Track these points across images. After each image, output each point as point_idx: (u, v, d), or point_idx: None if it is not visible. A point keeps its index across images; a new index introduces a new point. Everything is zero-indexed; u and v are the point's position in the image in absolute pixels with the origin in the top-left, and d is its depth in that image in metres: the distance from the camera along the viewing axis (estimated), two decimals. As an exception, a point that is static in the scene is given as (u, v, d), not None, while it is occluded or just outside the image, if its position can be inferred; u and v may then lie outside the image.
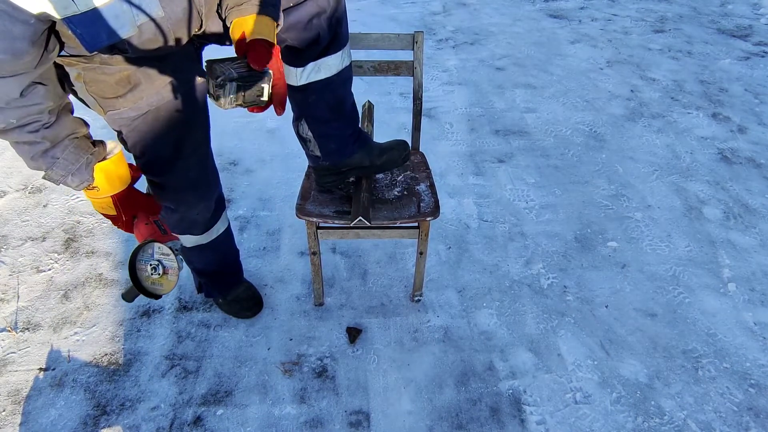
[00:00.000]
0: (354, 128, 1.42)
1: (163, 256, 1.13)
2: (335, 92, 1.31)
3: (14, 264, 1.89)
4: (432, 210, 1.45)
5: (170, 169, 1.24)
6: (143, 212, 1.21)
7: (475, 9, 4.05)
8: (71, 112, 1.04)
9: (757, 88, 2.99)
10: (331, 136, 1.38)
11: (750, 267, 1.90)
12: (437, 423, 1.43)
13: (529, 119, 2.71)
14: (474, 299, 1.77)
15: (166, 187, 1.28)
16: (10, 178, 2.29)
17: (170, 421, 1.43)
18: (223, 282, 1.65)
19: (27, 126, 0.94)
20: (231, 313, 1.70)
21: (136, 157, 1.22)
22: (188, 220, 1.39)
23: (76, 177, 1.02)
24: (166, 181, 1.27)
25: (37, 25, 0.82)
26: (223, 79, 0.94)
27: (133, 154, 1.21)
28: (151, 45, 0.97)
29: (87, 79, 1.03)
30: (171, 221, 1.38)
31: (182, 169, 1.26)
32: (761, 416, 1.45)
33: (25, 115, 0.92)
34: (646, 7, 4.09)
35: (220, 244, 1.54)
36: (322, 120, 1.35)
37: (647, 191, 2.24)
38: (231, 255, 1.65)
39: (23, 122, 0.93)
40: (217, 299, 1.70)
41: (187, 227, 1.41)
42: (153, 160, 1.21)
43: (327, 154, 1.42)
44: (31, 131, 0.94)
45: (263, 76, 0.96)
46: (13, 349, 1.61)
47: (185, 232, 1.43)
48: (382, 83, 3.01)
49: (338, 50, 1.24)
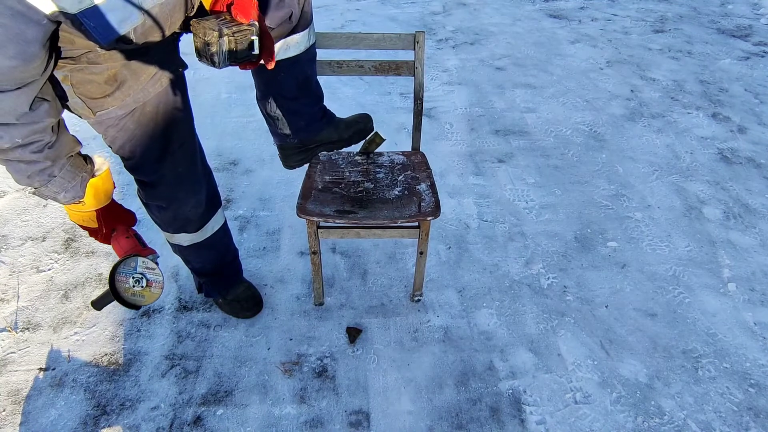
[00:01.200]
0: (320, 105, 1.45)
1: (147, 270, 1.15)
2: (303, 70, 1.34)
3: (14, 264, 1.89)
4: (432, 210, 1.45)
5: (159, 166, 1.24)
6: (123, 225, 1.23)
7: (475, 9, 4.05)
8: (66, 129, 1.05)
9: (757, 88, 2.99)
10: (299, 113, 1.41)
11: (750, 267, 1.90)
12: (437, 423, 1.43)
13: (529, 119, 2.71)
14: (474, 299, 1.77)
15: (156, 185, 1.28)
16: (10, 178, 2.28)
17: (170, 421, 1.43)
18: (223, 282, 1.64)
19: (30, 145, 0.93)
20: (231, 313, 1.69)
21: (125, 159, 1.22)
22: (181, 218, 1.38)
23: (69, 193, 1.04)
24: (156, 179, 1.27)
25: (48, 25, 0.82)
26: (212, 36, 0.91)
27: (121, 156, 1.21)
28: (152, 33, 0.97)
29: (74, 81, 1.02)
30: (164, 219, 1.38)
31: (171, 164, 1.26)
32: (761, 416, 1.45)
33: (31, 133, 0.92)
34: (646, 7, 4.10)
35: (217, 243, 1.53)
36: (290, 97, 1.37)
37: (647, 191, 2.24)
38: (229, 254, 1.64)
39: (27, 141, 0.92)
40: (216, 299, 1.70)
41: (181, 225, 1.41)
42: (142, 159, 1.22)
43: (296, 131, 1.44)
44: (35, 151, 0.94)
45: (251, 28, 0.94)
46: (13, 349, 1.61)
47: (179, 231, 1.42)
48: (383, 83, 3.01)
49: (305, 28, 1.26)
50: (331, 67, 1.61)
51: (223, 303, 1.69)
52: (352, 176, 1.60)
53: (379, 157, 1.68)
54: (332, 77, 2.98)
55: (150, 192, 1.30)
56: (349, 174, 1.61)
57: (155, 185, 1.28)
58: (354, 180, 1.58)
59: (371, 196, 1.52)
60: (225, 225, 1.56)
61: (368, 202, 1.50)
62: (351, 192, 1.54)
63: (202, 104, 2.77)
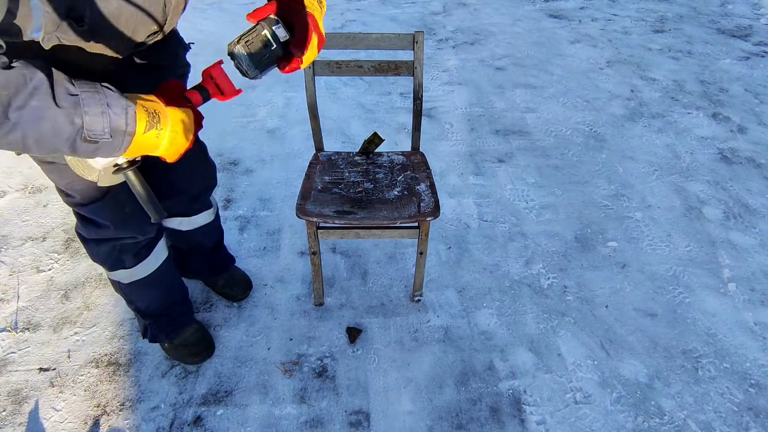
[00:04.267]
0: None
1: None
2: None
3: (14, 264, 1.89)
4: (432, 210, 1.45)
5: (103, 205, 1.14)
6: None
7: (475, 9, 4.05)
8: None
9: (757, 88, 2.99)
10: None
11: (750, 267, 1.90)
12: (437, 423, 1.43)
13: (529, 119, 2.71)
14: (474, 299, 1.77)
15: (100, 225, 1.19)
16: (10, 178, 2.29)
17: (170, 421, 1.43)
18: (170, 324, 1.51)
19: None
20: (178, 359, 1.56)
21: (66, 194, 1.13)
22: (117, 250, 1.27)
23: (115, 106, 0.80)
24: (101, 219, 1.18)
25: None
26: (229, 48, 0.91)
27: (62, 192, 1.12)
28: (114, 21, 0.81)
29: None
30: (100, 255, 1.28)
31: (114, 204, 1.15)
32: (761, 416, 1.45)
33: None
34: (646, 7, 4.09)
35: (161, 278, 1.40)
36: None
37: (647, 191, 2.24)
38: (177, 292, 1.51)
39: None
40: (162, 343, 1.56)
41: (116, 260, 1.29)
42: (83, 198, 1.12)
43: None
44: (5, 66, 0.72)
45: (258, 26, 0.91)
46: (13, 349, 1.61)
47: (116, 266, 1.31)
48: (383, 83, 3.01)
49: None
50: (330, 67, 1.61)
51: (169, 347, 1.56)
52: (351, 177, 1.60)
53: (379, 158, 1.68)
54: (332, 77, 2.99)
55: (93, 229, 1.21)
56: (348, 174, 1.61)
57: (99, 224, 1.19)
58: (353, 180, 1.58)
59: (371, 196, 1.52)
60: (170, 257, 1.43)
61: (368, 202, 1.50)
62: (350, 192, 1.54)
63: (202, 104, 2.77)
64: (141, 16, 0.85)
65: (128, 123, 0.82)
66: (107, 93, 0.80)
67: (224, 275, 1.73)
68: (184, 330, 1.55)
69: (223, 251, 1.73)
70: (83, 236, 1.27)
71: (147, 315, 1.48)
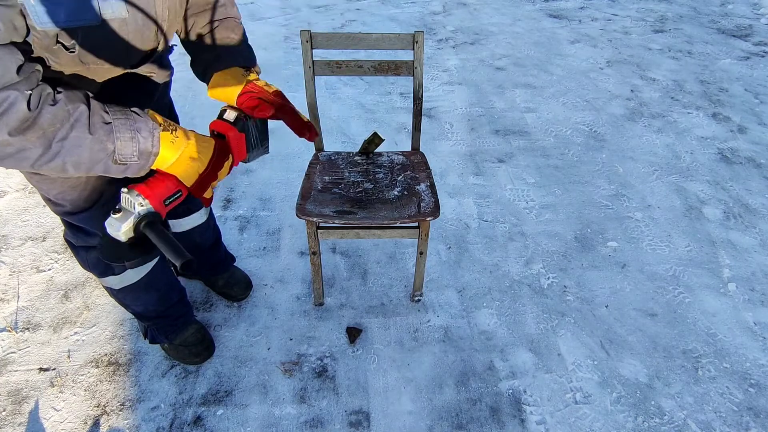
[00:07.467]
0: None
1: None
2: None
3: (14, 264, 1.89)
4: (432, 210, 1.45)
5: (92, 214, 1.14)
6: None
7: (475, 9, 4.05)
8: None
9: (757, 88, 2.99)
10: None
11: (750, 267, 1.90)
12: (437, 423, 1.43)
13: (529, 119, 2.71)
14: (474, 299, 1.77)
15: (89, 232, 1.19)
16: (10, 178, 2.29)
17: (170, 421, 1.43)
18: (169, 324, 1.51)
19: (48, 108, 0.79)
20: (178, 359, 1.56)
21: (55, 204, 1.13)
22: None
23: (144, 132, 0.87)
24: (90, 227, 1.18)
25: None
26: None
27: (51, 201, 1.12)
28: (105, 50, 0.85)
29: None
30: (89, 262, 1.27)
31: (103, 213, 1.13)
32: (761, 416, 1.45)
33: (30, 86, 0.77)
34: (646, 7, 4.09)
35: (154, 281, 1.38)
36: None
37: (647, 191, 2.24)
38: (174, 293, 1.49)
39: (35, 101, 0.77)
40: (162, 344, 1.57)
41: (106, 266, 1.27)
42: (73, 207, 1.12)
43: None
44: (52, 103, 0.80)
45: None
46: (13, 349, 1.61)
47: (106, 273, 1.29)
48: (383, 83, 3.01)
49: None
50: (330, 67, 1.61)
51: (169, 348, 1.56)
52: (351, 176, 1.60)
53: (379, 158, 1.68)
54: (332, 77, 2.99)
55: (84, 238, 1.20)
56: (348, 174, 1.61)
57: (89, 233, 1.19)
58: (353, 180, 1.58)
59: (371, 196, 1.52)
60: (162, 261, 1.40)
61: (368, 202, 1.50)
62: (350, 192, 1.54)
63: (202, 104, 2.77)
64: (132, 48, 0.90)
65: (154, 144, 0.90)
66: (136, 118, 0.88)
67: (224, 275, 1.73)
68: (183, 330, 1.55)
69: (223, 251, 1.73)
70: (72, 243, 1.26)
71: (145, 318, 1.48)
